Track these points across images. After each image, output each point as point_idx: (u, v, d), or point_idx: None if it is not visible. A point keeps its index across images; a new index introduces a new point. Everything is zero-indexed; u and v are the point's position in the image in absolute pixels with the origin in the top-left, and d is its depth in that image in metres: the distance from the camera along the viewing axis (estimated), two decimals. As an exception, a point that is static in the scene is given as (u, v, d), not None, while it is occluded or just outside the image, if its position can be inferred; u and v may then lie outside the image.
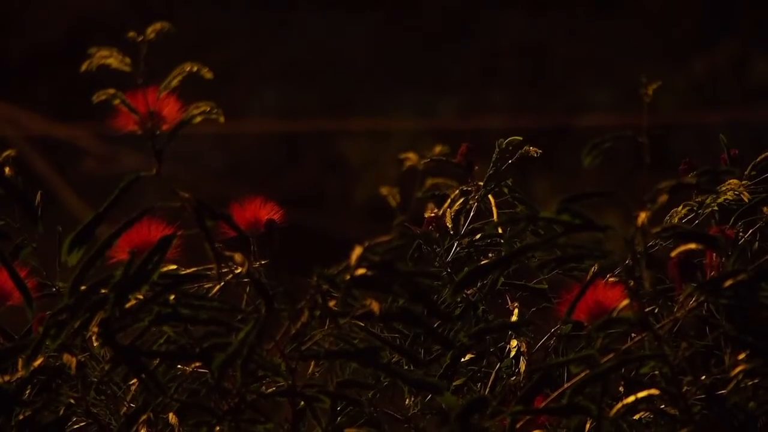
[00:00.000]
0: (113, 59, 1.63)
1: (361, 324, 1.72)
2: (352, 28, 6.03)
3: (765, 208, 1.75)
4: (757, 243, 1.76)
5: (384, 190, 1.96)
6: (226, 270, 1.69)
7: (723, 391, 1.64)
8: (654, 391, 1.64)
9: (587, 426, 1.69)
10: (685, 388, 1.64)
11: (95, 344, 1.66)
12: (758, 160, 1.87)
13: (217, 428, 1.66)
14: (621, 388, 1.69)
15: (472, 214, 2.01)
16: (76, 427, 1.70)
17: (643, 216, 1.66)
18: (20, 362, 1.61)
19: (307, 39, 6.04)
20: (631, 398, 1.64)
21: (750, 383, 1.64)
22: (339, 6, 6.17)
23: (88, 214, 1.68)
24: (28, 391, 1.62)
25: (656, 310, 1.69)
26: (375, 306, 1.69)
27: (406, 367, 1.77)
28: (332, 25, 6.01)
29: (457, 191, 2.03)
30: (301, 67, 6.06)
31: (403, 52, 6.18)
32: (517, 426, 1.63)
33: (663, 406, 1.67)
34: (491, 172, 2.02)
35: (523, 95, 6.28)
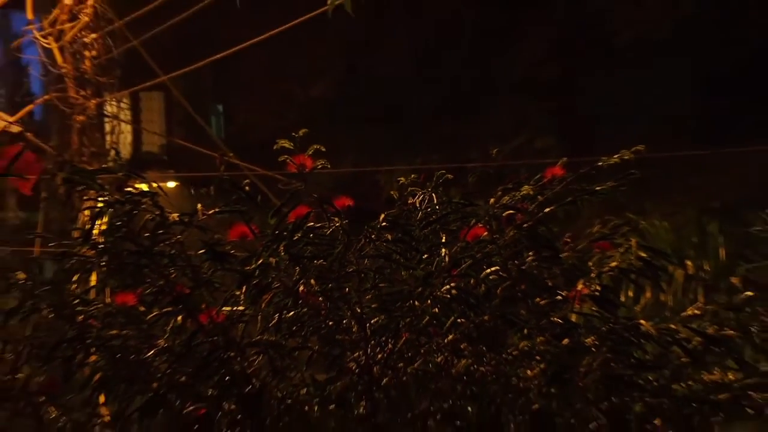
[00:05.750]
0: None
1: (385, 243, 2.32)
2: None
3: (539, 197, 2.32)
4: (536, 210, 2.31)
5: (393, 193, 2.55)
6: (331, 224, 2.31)
7: (524, 267, 2.25)
8: (497, 268, 2.26)
9: (472, 281, 2.27)
10: (509, 264, 2.26)
11: (282, 254, 2.26)
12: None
13: (330, 286, 2.26)
14: (485, 267, 2.29)
15: (426, 201, 2.53)
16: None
17: (492, 200, 2.34)
18: (253, 263, 2.19)
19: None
20: (488, 270, 2.26)
21: (536, 265, 2.24)
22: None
23: (276, 204, 2.30)
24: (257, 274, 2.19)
25: (500, 236, 2.29)
26: (389, 236, 2.32)
27: (403, 261, 2.35)
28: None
29: (421, 193, 2.57)
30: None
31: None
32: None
33: (503, 274, 2.24)
34: (431, 186, 2.58)
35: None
